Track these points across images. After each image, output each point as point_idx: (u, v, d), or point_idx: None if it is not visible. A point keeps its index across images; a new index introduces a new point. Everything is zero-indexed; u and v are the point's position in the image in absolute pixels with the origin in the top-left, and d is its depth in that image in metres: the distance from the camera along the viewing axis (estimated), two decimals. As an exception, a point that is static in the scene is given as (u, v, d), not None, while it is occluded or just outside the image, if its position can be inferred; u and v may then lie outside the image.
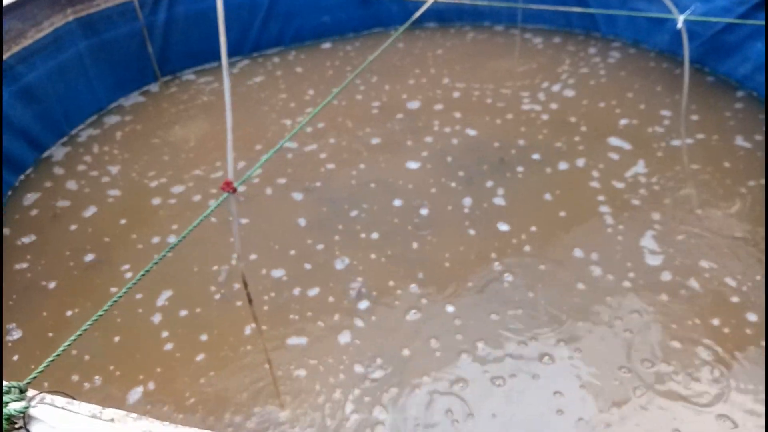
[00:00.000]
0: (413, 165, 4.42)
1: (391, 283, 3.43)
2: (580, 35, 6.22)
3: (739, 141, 4.33)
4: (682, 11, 3.76)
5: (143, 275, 2.03)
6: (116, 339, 3.24)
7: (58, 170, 4.66)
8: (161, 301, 3.44)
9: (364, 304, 3.31)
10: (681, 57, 5.54)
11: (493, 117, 4.93)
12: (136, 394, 2.93)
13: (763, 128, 4.42)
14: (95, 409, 1.38)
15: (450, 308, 3.23)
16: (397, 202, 4.05)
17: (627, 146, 4.40)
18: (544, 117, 4.86)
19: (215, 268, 3.64)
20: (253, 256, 3.70)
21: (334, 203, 4.09)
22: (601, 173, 4.16)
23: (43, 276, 3.67)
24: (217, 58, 6.11)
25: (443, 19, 6.75)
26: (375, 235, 3.78)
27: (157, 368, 3.05)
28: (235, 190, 2.20)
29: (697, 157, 4.20)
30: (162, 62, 5.77)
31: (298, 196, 4.21)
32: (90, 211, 4.20)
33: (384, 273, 3.50)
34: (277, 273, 3.57)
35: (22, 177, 4.58)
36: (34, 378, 1.57)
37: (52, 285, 3.60)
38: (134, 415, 1.37)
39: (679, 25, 2.87)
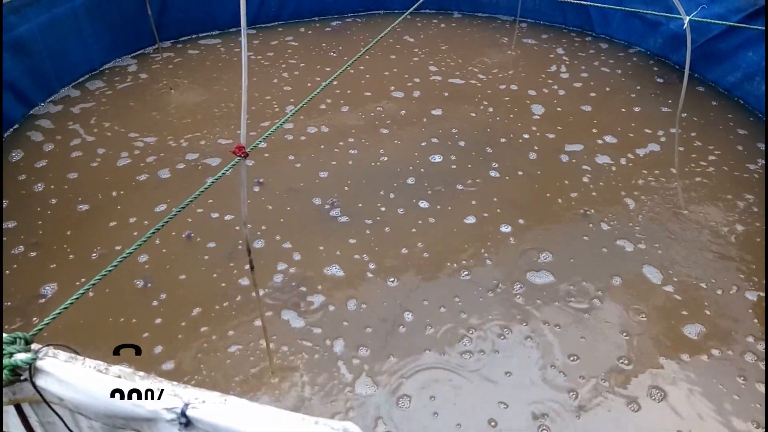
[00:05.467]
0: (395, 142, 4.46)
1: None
2: (575, 33, 6.31)
3: (728, 147, 4.49)
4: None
5: (155, 232, 2.03)
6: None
7: (45, 129, 4.55)
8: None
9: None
10: (672, 62, 5.70)
11: (482, 107, 4.99)
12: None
13: (754, 134, 4.59)
14: (101, 364, 1.36)
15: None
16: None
17: (613, 141, 4.52)
18: (535, 111, 4.94)
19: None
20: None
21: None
22: (587, 168, 4.26)
23: (24, 239, 3.58)
24: (216, 26, 6.04)
25: (442, 6, 6.77)
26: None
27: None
28: (246, 155, 2.20)
29: (684, 159, 4.34)
30: (160, 27, 5.65)
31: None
32: (74, 174, 4.10)
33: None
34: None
35: (9, 132, 4.47)
36: (40, 330, 1.53)
37: (32, 246, 3.52)
38: (141, 373, 1.36)
39: (685, 25, 2.95)
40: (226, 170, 2.20)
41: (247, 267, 2.87)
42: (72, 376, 1.34)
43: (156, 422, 1.31)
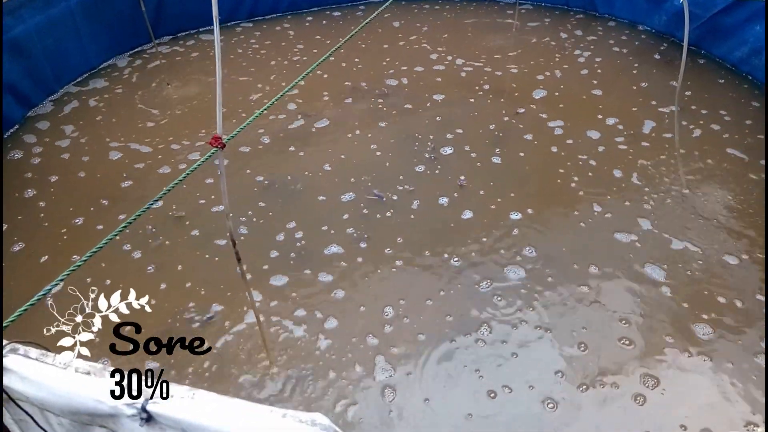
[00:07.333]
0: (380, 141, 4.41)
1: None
2: (578, 14, 6.17)
3: (736, 122, 4.35)
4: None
5: (131, 222, 2.02)
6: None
7: (44, 130, 4.56)
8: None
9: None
10: (678, 39, 5.54)
11: (484, 92, 4.91)
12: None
13: (759, 110, 4.45)
14: (68, 361, 1.35)
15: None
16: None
17: (619, 122, 4.42)
18: (539, 94, 4.84)
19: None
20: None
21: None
22: (592, 150, 4.18)
23: (17, 240, 3.59)
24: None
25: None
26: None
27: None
28: (223, 146, 2.17)
29: (690, 137, 4.23)
30: (159, 23, 5.65)
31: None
32: (73, 174, 4.12)
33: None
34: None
35: (8, 133, 4.50)
36: (5, 327, 1.50)
37: (27, 248, 3.54)
38: (111, 368, 1.33)
39: (682, -1, 2.85)
40: (202, 161, 2.18)
41: (234, 247, 2.93)
42: (34, 374, 1.32)
43: (118, 418, 1.29)
